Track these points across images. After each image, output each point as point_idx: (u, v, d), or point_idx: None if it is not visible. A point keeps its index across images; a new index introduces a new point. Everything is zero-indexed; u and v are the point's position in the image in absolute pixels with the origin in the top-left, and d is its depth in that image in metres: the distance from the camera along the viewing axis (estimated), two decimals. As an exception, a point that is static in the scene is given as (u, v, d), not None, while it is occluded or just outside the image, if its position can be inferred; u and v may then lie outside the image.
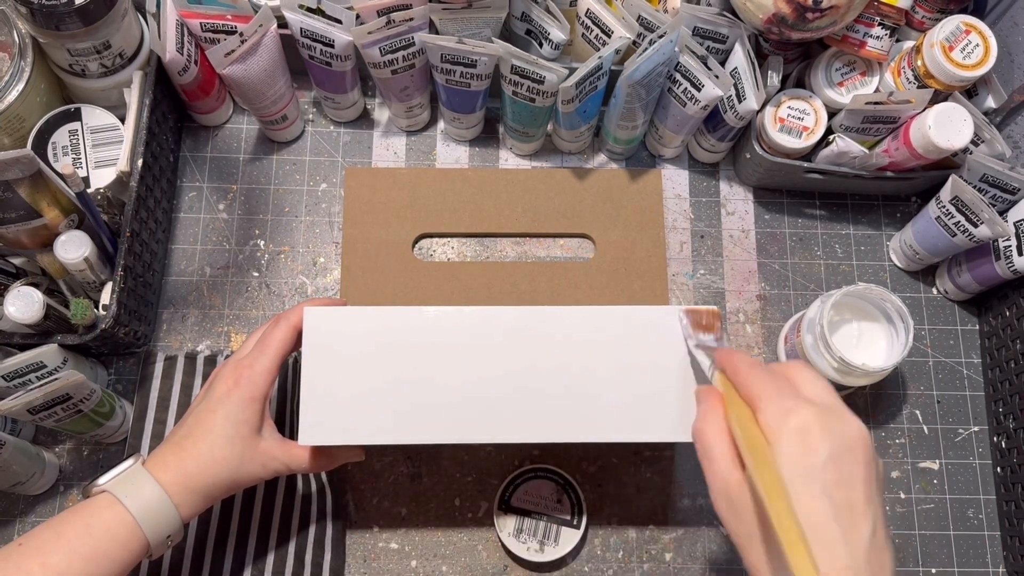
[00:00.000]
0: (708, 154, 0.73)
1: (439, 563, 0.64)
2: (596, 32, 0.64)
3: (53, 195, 0.57)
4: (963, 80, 0.62)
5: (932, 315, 0.72)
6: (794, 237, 0.74)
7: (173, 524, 0.48)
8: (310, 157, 0.74)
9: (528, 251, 0.72)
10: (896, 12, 0.63)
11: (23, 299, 0.55)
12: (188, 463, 0.49)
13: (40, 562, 0.44)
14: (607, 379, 0.55)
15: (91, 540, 0.45)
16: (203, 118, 0.73)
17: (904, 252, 0.72)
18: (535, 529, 0.62)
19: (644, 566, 0.65)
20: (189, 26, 0.63)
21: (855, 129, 0.66)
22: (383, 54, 0.63)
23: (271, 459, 0.51)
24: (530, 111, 0.66)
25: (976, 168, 0.63)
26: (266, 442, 0.51)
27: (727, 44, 0.65)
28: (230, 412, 0.50)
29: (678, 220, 0.74)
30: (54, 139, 0.64)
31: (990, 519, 0.67)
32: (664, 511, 0.66)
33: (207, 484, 0.49)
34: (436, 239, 0.72)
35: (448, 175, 0.73)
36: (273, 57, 0.64)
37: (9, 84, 0.60)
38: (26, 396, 0.52)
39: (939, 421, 0.70)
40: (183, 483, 0.48)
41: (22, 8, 0.56)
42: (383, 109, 0.76)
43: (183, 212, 0.72)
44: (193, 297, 0.69)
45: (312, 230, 0.72)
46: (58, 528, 0.45)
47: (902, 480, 0.68)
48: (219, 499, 0.51)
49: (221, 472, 0.49)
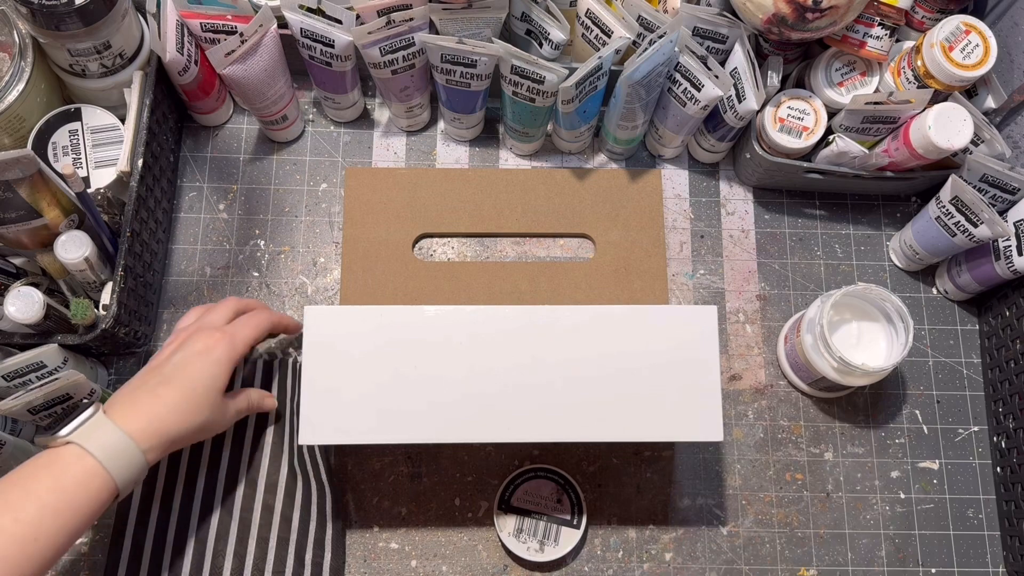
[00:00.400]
0: (708, 154, 0.74)
1: (439, 563, 0.64)
2: (596, 32, 0.64)
3: (53, 195, 0.57)
4: (963, 80, 0.62)
5: (932, 315, 0.72)
6: (794, 237, 0.74)
7: (140, 469, 0.49)
8: (310, 157, 0.74)
9: (528, 251, 0.72)
10: (896, 12, 0.63)
11: (23, 299, 0.56)
12: (162, 409, 0.50)
13: (12, 518, 0.44)
14: (608, 378, 0.55)
15: (62, 494, 0.45)
16: (203, 118, 0.73)
17: (904, 252, 0.72)
18: (535, 529, 0.62)
19: (644, 566, 0.65)
20: (189, 26, 0.63)
21: (855, 129, 0.66)
22: (383, 54, 0.63)
23: (228, 415, 0.55)
24: (530, 111, 0.66)
25: (976, 168, 0.63)
26: (227, 400, 0.55)
27: (727, 44, 0.65)
28: (208, 367, 0.53)
29: (678, 220, 0.74)
30: (54, 139, 0.64)
31: (990, 519, 0.67)
32: (664, 511, 0.66)
33: (178, 432, 0.50)
34: (436, 239, 0.72)
35: (448, 175, 0.73)
36: (273, 57, 0.64)
37: (9, 84, 0.60)
38: (26, 396, 0.52)
39: (939, 421, 0.70)
40: (155, 429, 0.49)
41: (22, 8, 0.56)
42: (383, 109, 0.76)
43: (183, 212, 0.72)
44: (193, 297, 0.69)
45: (312, 230, 0.72)
46: (26, 485, 0.45)
47: (902, 480, 0.68)
48: (183, 447, 0.54)
49: (194, 422, 0.51)
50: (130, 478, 0.48)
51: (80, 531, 0.46)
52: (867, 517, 0.67)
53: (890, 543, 0.66)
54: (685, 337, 0.55)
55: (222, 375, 0.53)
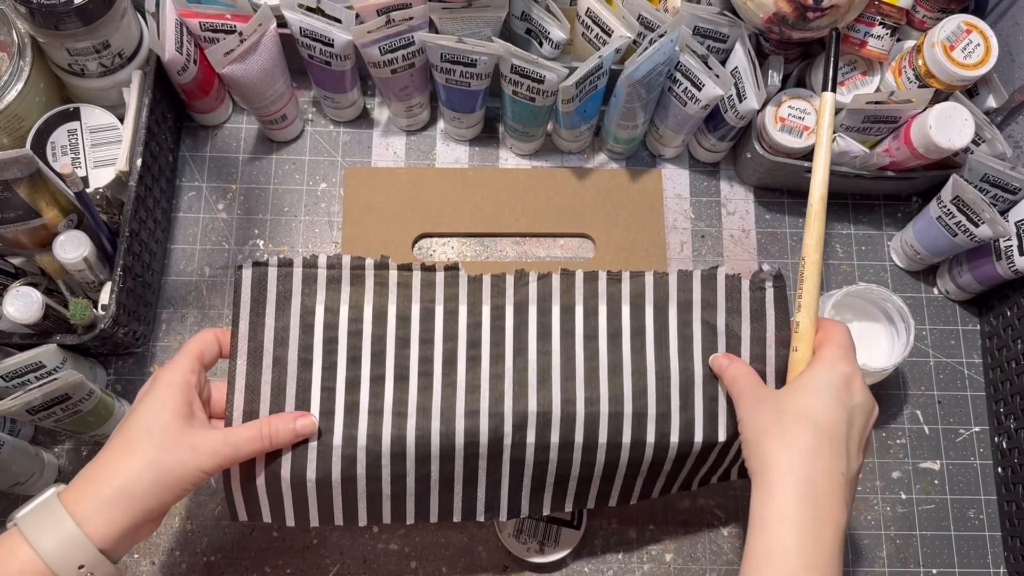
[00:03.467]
0: (708, 154, 0.73)
1: (439, 564, 0.64)
2: (596, 31, 0.64)
3: (52, 195, 0.57)
4: (964, 80, 0.62)
5: (933, 315, 0.72)
6: (795, 237, 0.74)
7: (87, 554, 0.42)
8: (309, 157, 0.74)
9: (528, 251, 0.72)
10: (897, 12, 0.63)
11: (22, 299, 0.55)
12: (99, 472, 0.44)
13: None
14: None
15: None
16: (202, 118, 0.73)
17: (905, 252, 0.72)
18: (535, 529, 0.62)
19: (644, 566, 0.65)
20: (188, 25, 0.63)
21: (856, 129, 0.66)
22: (383, 53, 0.62)
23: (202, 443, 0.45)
24: (530, 111, 0.66)
25: (977, 168, 0.63)
26: (195, 429, 0.45)
27: (728, 43, 0.65)
28: (144, 406, 0.45)
29: (678, 220, 0.73)
30: (53, 139, 0.64)
31: (991, 519, 0.67)
32: (664, 512, 0.66)
33: (121, 487, 0.43)
34: (436, 239, 0.72)
35: (448, 175, 0.73)
36: (272, 56, 0.64)
37: (8, 84, 0.59)
38: (25, 396, 0.52)
39: (940, 421, 0.69)
40: (94, 497, 0.43)
41: (21, 8, 0.56)
42: (383, 109, 0.75)
43: (182, 212, 0.71)
44: (192, 297, 0.69)
45: (312, 230, 0.72)
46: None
47: (903, 480, 0.68)
48: (153, 509, 0.44)
49: (136, 467, 0.43)
50: (72, 563, 0.42)
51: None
52: (868, 517, 0.67)
53: (891, 543, 0.66)
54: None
55: (163, 406, 0.45)
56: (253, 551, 0.63)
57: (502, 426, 0.52)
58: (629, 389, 0.53)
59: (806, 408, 0.45)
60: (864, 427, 0.46)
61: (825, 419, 0.45)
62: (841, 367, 0.46)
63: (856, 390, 0.46)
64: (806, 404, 0.45)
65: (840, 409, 0.45)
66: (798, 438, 0.44)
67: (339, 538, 0.64)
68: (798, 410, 0.45)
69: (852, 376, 0.46)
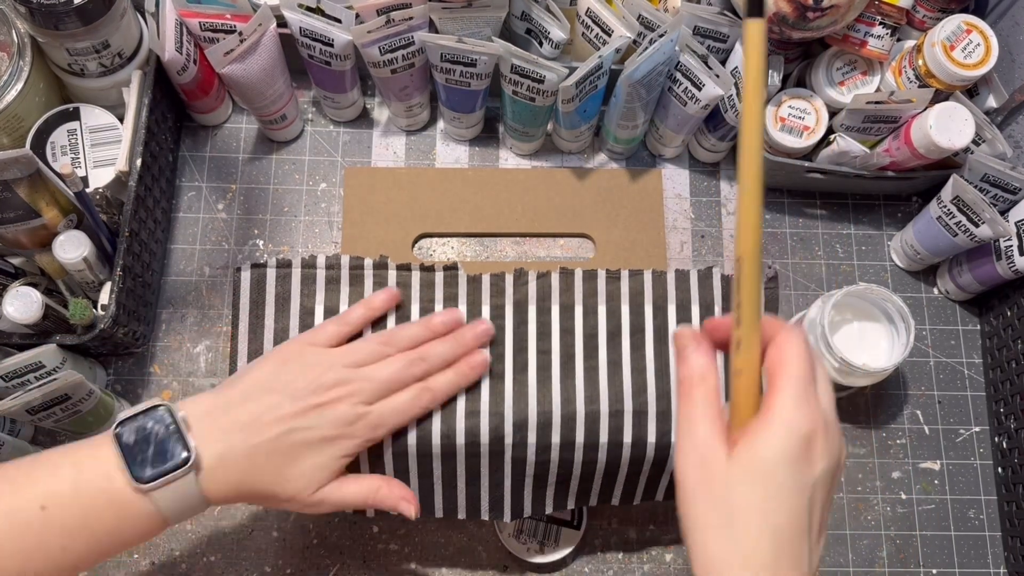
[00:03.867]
0: (709, 154, 0.73)
1: (439, 564, 0.64)
2: (596, 31, 0.64)
3: (52, 195, 0.57)
4: (964, 79, 0.62)
5: (933, 315, 0.72)
6: (795, 237, 0.74)
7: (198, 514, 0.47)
8: (309, 157, 0.74)
9: (528, 251, 0.72)
10: (897, 11, 0.63)
11: (22, 299, 0.55)
12: (248, 479, 0.47)
13: (61, 546, 0.43)
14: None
15: (119, 537, 0.44)
16: (202, 118, 0.72)
17: (905, 252, 0.72)
18: (535, 529, 0.62)
19: (644, 566, 0.64)
20: (188, 25, 0.63)
21: (856, 129, 0.66)
22: (382, 53, 0.62)
23: (323, 499, 0.49)
24: (530, 111, 0.66)
25: (977, 168, 0.63)
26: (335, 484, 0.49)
27: (728, 43, 0.65)
28: (317, 464, 0.48)
29: (678, 220, 0.73)
30: (53, 139, 0.64)
31: (991, 520, 0.67)
32: (665, 512, 0.66)
33: (249, 494, 0.48)
34: (436, 239, 0.72)
35: (448, 175, 0.73)
36: (272, 56, 0.64)
37: (8, 83, 0.59)
38: (25, 396, 0.52)
39: (940, 421, 0.69)
40: (234, 490, 0.47)
41: (21, 7, 0.56)
42: (383, 109, 0.75)
43: (182, 212, 0.71)
44: (192, 297, 0.69)
45: (311, 230, 0.72)
46: (86, 519, 0.43)
47: (903, 480, 0.68)
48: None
49: (267, 490, 0.48)
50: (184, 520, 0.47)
51: (110, 553, 0.45)
52: (868, 518, 0.67)
53: (891, 544, 0.66)
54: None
55: (332, 467, 0.48)
56: (253, 551, 0.63)
57: (502, 426, 0.52)
58: (629, 387, 0.53)
59: (761, 506, 0.36)
60: (827, 498, 0.38)
61: (784, 519, 0.36)
62: (799, 425, 0.36)
63: (818, 454, 0.36)
64: (760, 499, 0.36)
65: (800, 497, 0.36)
66: (755, 553, 0.36)
67: (339, 538, 0.64)
68: (750, 508, 0.36)
69: (813, 434, 0.36)
